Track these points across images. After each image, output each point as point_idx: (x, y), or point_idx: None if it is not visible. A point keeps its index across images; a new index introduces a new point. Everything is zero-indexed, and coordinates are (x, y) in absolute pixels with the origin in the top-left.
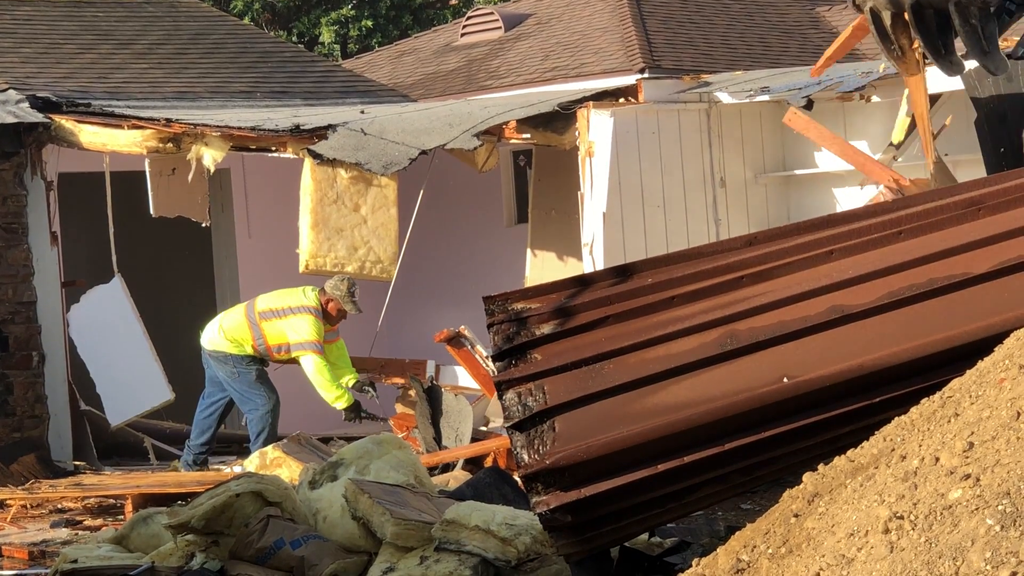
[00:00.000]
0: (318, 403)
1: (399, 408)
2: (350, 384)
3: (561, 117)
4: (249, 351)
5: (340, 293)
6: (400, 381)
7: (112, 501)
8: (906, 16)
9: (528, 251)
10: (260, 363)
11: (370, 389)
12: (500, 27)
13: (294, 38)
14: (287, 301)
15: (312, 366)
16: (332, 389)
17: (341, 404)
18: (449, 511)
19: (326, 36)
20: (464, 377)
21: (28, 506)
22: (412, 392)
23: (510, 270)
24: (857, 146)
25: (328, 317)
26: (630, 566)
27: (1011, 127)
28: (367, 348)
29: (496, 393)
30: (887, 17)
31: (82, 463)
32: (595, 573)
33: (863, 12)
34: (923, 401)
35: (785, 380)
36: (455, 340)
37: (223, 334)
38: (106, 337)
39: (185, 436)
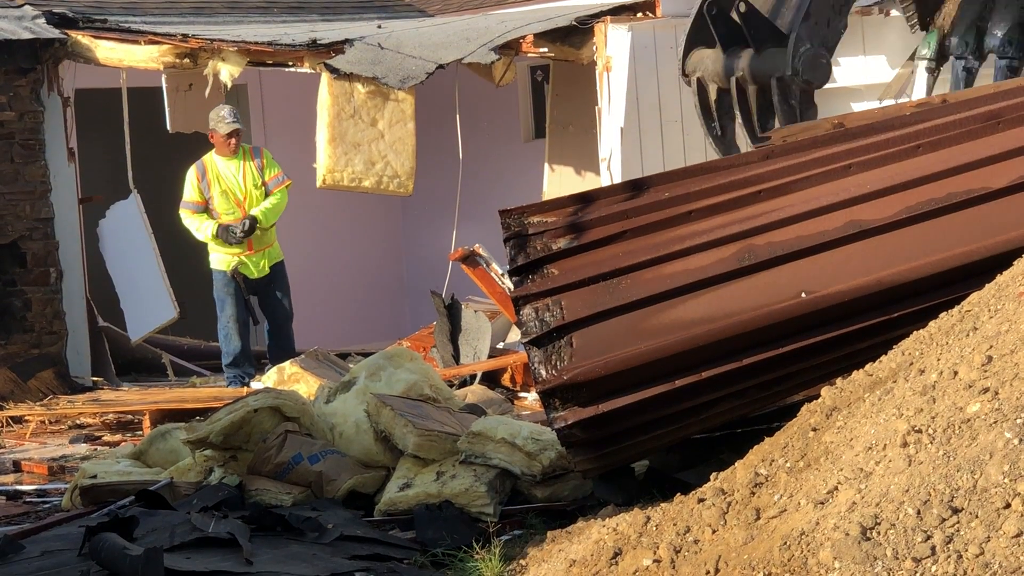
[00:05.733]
0: (336, 319)
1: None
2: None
3: (579, 31)
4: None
5: (213, 119)
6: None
7: (130, 417)
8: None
9: (546, 166)
10: (227, 282)
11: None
12: None
13: None
14: None
15: (184, 220)
16: (202, 229)
17: (210, 231)
18: (476, 424)
19: None
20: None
21: (47, 422)
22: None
23: (528, 186)
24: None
25: (221, 150)
26: (648, 480)
27: None
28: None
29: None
30: (713, 91)
31: (100, 379)
32: (617, 488)
33: (690, 84)
34: (941, 315)
35: (803, 295)
36: (470, 259)
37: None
38: (126, 253)
39: (203, 353)
